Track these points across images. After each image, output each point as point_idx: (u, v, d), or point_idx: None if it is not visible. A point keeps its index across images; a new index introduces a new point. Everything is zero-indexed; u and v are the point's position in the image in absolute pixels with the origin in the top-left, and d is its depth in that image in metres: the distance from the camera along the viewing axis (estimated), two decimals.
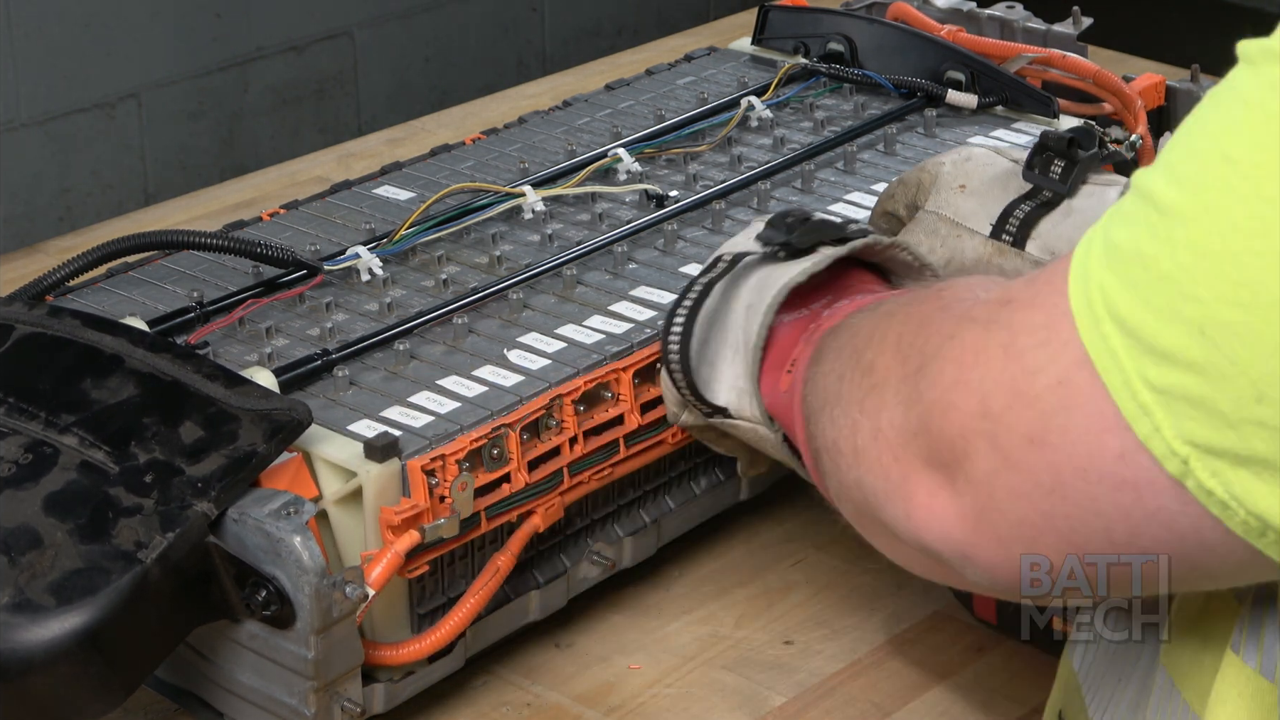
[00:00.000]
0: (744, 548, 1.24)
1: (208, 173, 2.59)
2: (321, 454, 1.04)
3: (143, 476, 0.99)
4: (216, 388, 1.04)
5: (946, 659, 1.14)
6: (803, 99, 1.50)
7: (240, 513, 0.98)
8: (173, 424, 1.02)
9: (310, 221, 1.33)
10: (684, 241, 1.29)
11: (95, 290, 1.23)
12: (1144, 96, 1.49)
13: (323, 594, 0.97)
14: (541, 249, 1.28)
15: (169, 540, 0.96)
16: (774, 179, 1.37)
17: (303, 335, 1.17)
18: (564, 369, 1.13)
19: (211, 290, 1.22)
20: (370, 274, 1.24)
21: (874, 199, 1.34)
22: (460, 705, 1.11)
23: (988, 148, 1.20)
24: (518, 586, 1.13)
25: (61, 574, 0.95)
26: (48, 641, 0.93)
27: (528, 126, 1.49)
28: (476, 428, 1.07)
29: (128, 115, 2.49)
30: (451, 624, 1.06)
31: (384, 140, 1.87)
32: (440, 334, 1.18)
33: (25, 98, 2.37)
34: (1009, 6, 1.61)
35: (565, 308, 1.21)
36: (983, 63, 1.49)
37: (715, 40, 1.72)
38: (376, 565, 1.01)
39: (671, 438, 1.16)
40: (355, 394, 1.11)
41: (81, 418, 1.02)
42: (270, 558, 0.97)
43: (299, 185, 1.72)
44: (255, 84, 2.62)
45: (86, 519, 0.97)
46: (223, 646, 1.03)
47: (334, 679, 1.01)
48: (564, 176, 1.37)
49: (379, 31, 2.75)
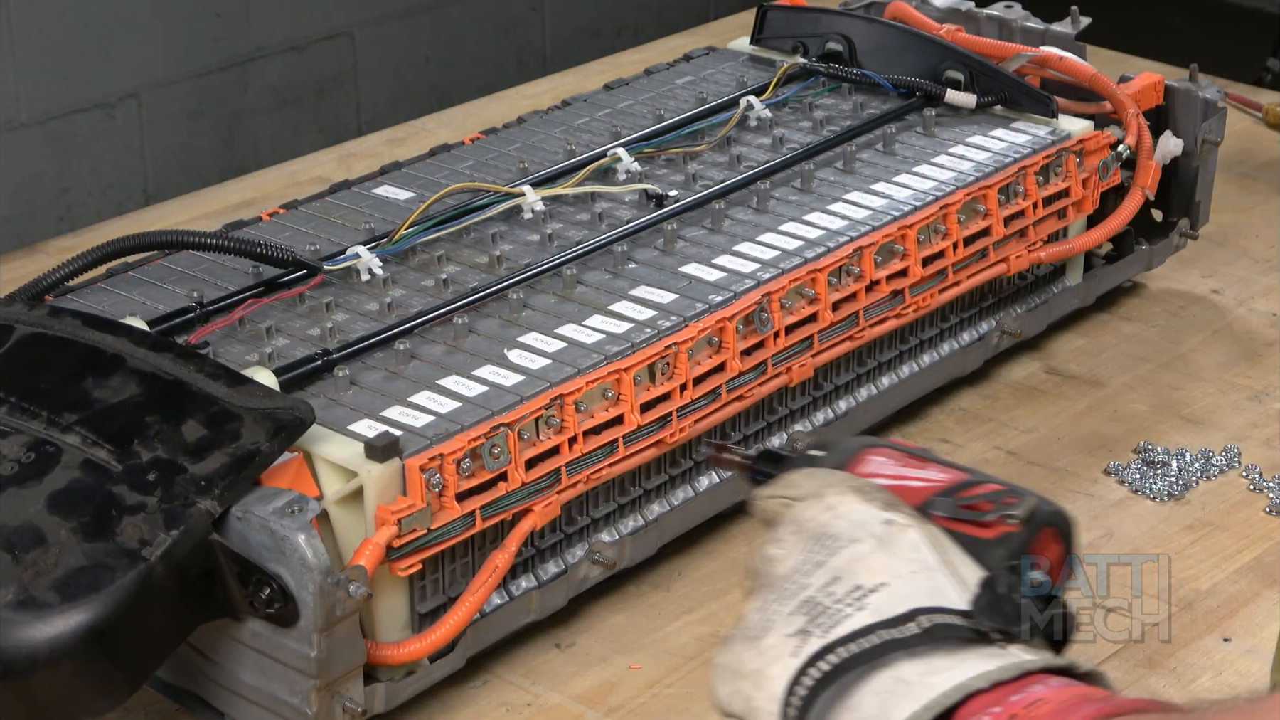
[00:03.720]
0: (744, 548, 1.25)
1: (208, 173, 2.58)
2: (322, 454, 1.05)
3: (146, 475, 0.99)
4: (219, 387, 1.04)
5: None
6: (801, 99, 1.50)
7: (244, 510, 0.99)
8: (175, 423, 1.02)
9: (310, 221, 1.33)
10: (683, 241, 1.29)
11: (95, 290, 1.23)
12: (1143, 96, 1.50)
13: (326, 592, 0.97)
14: (541, 249, 1.28)
15: (173, 538, 0.96)
16: (773, 179, 1.37)
17: (303, 335, 1.17)
18: (564, 369, 1.13)
19: (211, 290, 1.22)
20: (370, 274, 1.24)
21: (873, 198, 1.34)
22: (460, 705, 1.12)
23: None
24: (518, 586, 1.13)
25: (66, 571, 0.95)
26: (52, 639, 0.93)
27: (527, 126, 1.49)
28: (475, 427, 1.07)
29: (128, 115, 2.49)
30: (452, 623, 1.06)
31: (384, 140, 1.87)
32: (440, 334, 1.18)
33: (25, 98, 2.37)
34: (1007, 6, 1.61)
35: (565, 307, 1.21)
36: (981, 62, 1.49)
37: (714, 40, 1.72)
38: (358, 558, 1.01)
39: (669, 438, 1.17)
40: (356, 394, 1.11)
41: (84, 417, 1.02)
42: (274, 555, 0.98)
43: (299, 185, 1.72)
44: (255, 84, 2.62)
45: (90, 517, 0.97)
46: (224, 645, 1.03)
47: (336, 678, 1.01)
48: (563, 176, 1.37)
49: (379, 31, 2.75)
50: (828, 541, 0.88)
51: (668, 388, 1.16)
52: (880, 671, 0.83)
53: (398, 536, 1.02)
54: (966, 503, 0.91)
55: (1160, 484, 1.31)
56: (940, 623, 0.84)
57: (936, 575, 0.86)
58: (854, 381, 1.32)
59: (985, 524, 0.90)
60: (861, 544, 0.88)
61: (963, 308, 1.40)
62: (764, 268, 1.25)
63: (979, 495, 0.92)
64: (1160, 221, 1.56)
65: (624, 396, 1.14)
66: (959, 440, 1.37)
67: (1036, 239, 1.41)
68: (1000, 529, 0.89)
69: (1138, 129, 1.47)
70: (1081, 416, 1.40)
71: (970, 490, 0.92)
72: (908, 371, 1.36)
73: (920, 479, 0.94)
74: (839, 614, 0.85)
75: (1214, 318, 1.54)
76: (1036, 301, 1.46)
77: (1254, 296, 1.57)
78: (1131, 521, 1.27)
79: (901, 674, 0.83)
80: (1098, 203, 1.46)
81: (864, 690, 0.83)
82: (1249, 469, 1.33)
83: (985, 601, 0.85)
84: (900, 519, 0.89)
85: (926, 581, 0.86)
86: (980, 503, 0.91)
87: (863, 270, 1.27)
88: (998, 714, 0.80)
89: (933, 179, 1.37)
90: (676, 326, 1.18)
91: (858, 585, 0.86)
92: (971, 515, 0.91)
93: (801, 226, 1.31)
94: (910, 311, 1.32)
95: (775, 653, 0.86)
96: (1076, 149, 1.43)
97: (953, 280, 1.35)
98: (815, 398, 1.30)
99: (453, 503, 1.06)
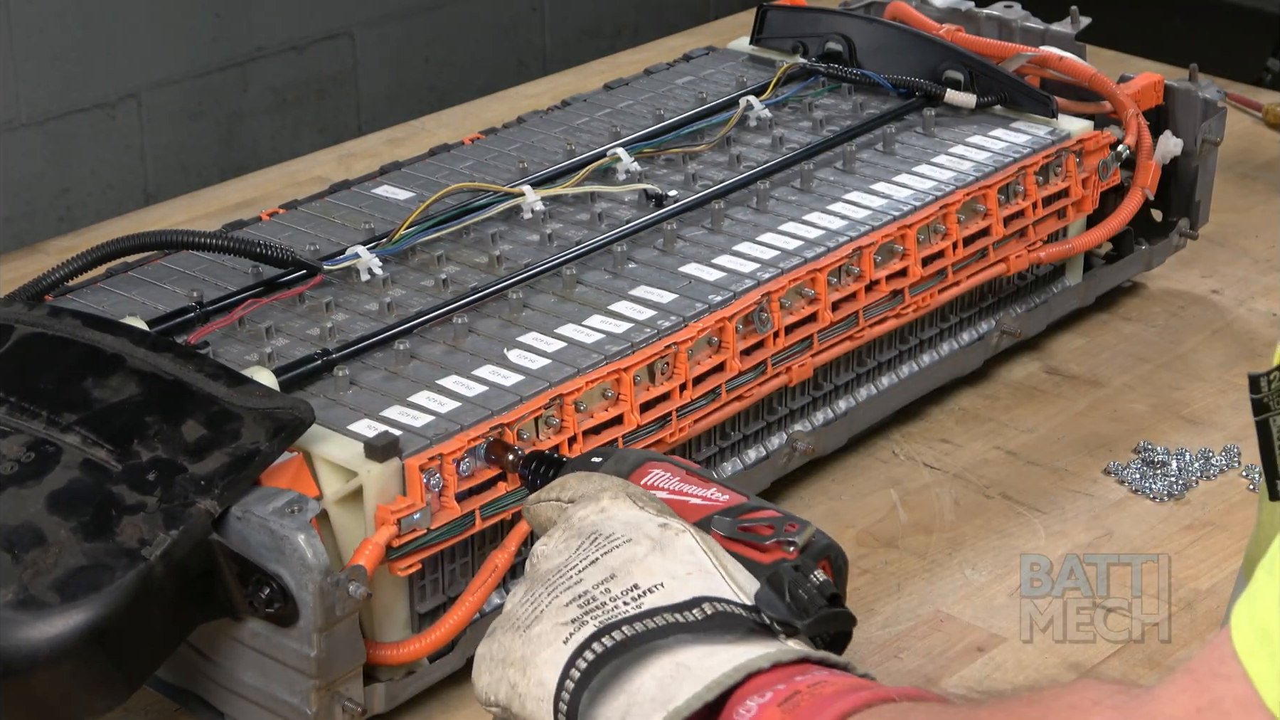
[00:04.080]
0: None
1: (208, 173, 2.59)
2: (322, 453, 1.05)
3: (146, 474, 0.99)
4: (219, 387, 1.04)
5: (946, 659, 1.14)
6: (801, 98, 1.50)
7: (244, 510, 0.99)
8: (175, 422, 1.02)
9: (310, 221, 1.33)
10: (683, 241, 1.29)
11: (95, 290, 1.23)
12: (1143, 96, 1.50)
13: (326, 592, 0.97)
14: (541, 249, 1.28)
15: (173, 537, 0.96)
16: (773, 178, 1.37)
17: (303, 335, 1.17)
18: (564, 369, 1.13)
19: (211, 290, 1.22)
20: (370, 274, 1.24)
21: (873, 198, 1.34)
22: (460, 705, 1.12)
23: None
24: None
25: (65, 571, 0.95)
26: (52, 638, 0.93)
27: (527, 126, 1.49)
28: (475, 427, 1.07)
29: (128, 115, 2.49)
30: (451, 622, 1.06)
31: (384, 140, 1.87)
32: (440, 334, 1.18)
33: (25, 98, 2.37)
34: (1007, 6, 1.61)
35: (565, 307, 1.21)
36: (981, 62, 1.49)
37: (714, 40, 1.72)
38: (358, 558, 1.01)
39: (669, 438, 1.17)
40: (355, 394, 1.11)
41: (84, 416, 1.02)
42: (274, 555, 0.98)
43: (299, 185, 1.72)
44: (255, 84, 2.62)
45: (90, 516, 0.97)
46: (224, 645, 1.03)
47: (336, 678, 1.01)
48: (563, 176, 1.37)
49: (379, 31, 2.75)
50: (601, 541, 0.88)
51: (667, 388, 1.16)
52: (660, 656, 0.83)
53: (397, 536, 1.03)
54: (747, 525, 0.91)
55: (1160, 484, 1.31)
56: (723, 610, 0.84)
57: (714, 577, 0.86)
58: (854, 381, 1.32)
59: (763, 548, 0.90)
60: (637, 545, 0.87)
61: (963, 308, 1.40)
62: (764, 268, 1.25)
63: (760, 519, 0.91)
64: (1160, 221, 1.56)
65: (624, 396, 1.14)
66: (959, 440, 1.37)
67: (1036, 239, 1.41)
68: (777, 554, 0.89)
69: (1138, 129, 1.47)
70: (1081, 416, 1.40)
71: (751, 514, 0.92)
72: (908, 371, 1.36)
73: (700, 497, 0.94)
74: (616, 609, 0.84)
75: (1214, 318, 1.54)
76: (1036, 301, 1.46)
77: (1254, 296, 1.57)
78: (1131, 521, 1.27)
79: (681, 658, 0.82)
80: (1097, 203, 1.46)
81: (643, 674, 0.82)
82: (1249, 469, 1.33)
83: (768, 596, 0.85)
84: (675, 524, 0.88)
85: (703, 582, 0.85)
86: (760, 526, 0.91)
87: (862, 270, 1.27)
88: (781, 691, 0.80)
89: (932, 179, 1.37)
90: (676, 326, 1.18)
91: (634, 584, 0.85)
92: (751, 538, 0.90)
93: (801, 226, 1.31)
94: (910, 311, 1.32)
95: (545, 640, 0.85)
96: (1076, 149, 1.43)
97: (952, 280, 1.35)
98: (815, 398, 1.30)
99: (452, 503, 1.06)
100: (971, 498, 1.30)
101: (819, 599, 0.85)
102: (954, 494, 1.30)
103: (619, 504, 0.90)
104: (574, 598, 0.85)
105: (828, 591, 0.86)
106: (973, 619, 1.17)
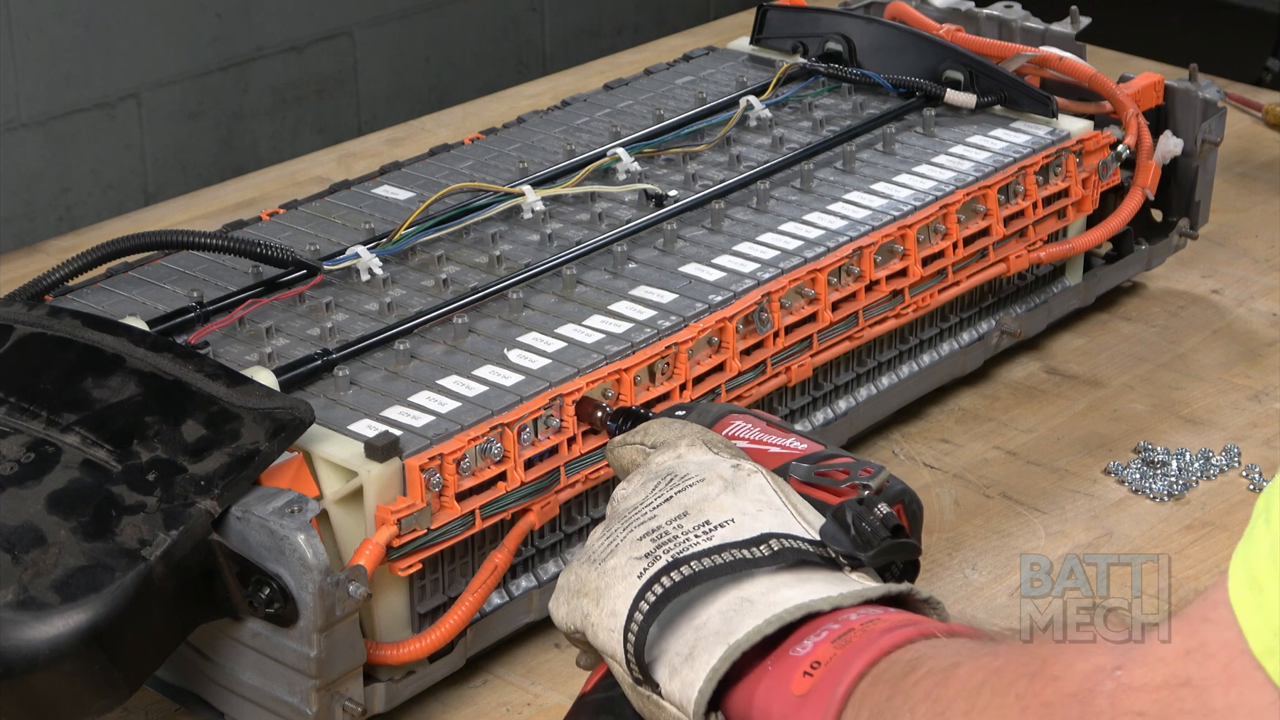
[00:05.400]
0: None
1: (207, 173, 2.59)
2: (322, 453, 1.05)
3: (145, 474, 0.99)
4: (219, 387, 1.04)
5: None
6: (801, 98, 1.50)
7: (244, 510, 0.99)
8: (175, 422, 1.02)
9: (310, 221, 1.33)
10: (683, 241, 1.29)
11: (95, 290, 1.23)
12: (1143, 96, 1.50)
13: (326, 592, 0.97)
14: (541, 249, 1.28)
15: (173, 538, 0.96)
16: (773, 178, 1.37)
17: (303, 335, 1.17)
18: (564, 369, 1.14)
19: (211, 290, 1.22)
20: (370, 274, 1.24)
21: (873, 198, 1.34)
22: (460, 705, 1.12)
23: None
24: (517, 586, 1.13)
25: (65, 571, 0.95)
26: (52, 639, 0.93)
27: (527, 126, 1.49)
28: (475, 427, 1.07)
29: (128, 115, 2.49)
30: (451, 623, 1.06)
31: (384, 140, 1.87)
32: (440, 334, 1.18)
33: (25, 98, 2.37)
34: (1007, 6, 1.61)
35: (565, 307, 1.21)
36: (981, 62, 1.49)
37: (714, 40, 1.72)
38: (358, 558, 1.01)
39: None
40: (355, 394, 1.11)
41: (83, 417, 1.02)
42: (274, 555, 0.98)
43: (299, 185, 1.72)
44: (255, 84, 2.62)
45: (90, 517, 0.97)
46: (224, 645, 1.03)
47: (336, 678, 1.01)
48: (563, 176, 1.37)
49: (379, 31, 2.75)
50: (676, 481, 0.91)
51: (667, 388, 1.16)
52: (727, 590, 0.86)
53: (397, 536, 1.03)
54: (824, 470, 0.94)
55: (1160, 484, 1.31)
56: (790, 546, 0.86)
57: (783, 513, 0.89)
58: (854, 381, 1.32)
59: (838, 492, 0.93)
60: (710, 484, 0.90)
61: (962, 308, 1.40)
62: (764, 268, 1.25)
63: (836, 464, 0.95)
64: (1160, 221, 1.56)
65: (624, 397, 1.14)
66: (959, 440, 1.37)
67: (1036, 239, 1.41)
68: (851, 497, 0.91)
69: (1137, 129, 1.47)
70: (1081, 416, 1.40)
71: (828, 460, 0.95)
72: (908, 371, 1.36)
73: (780, 446, 0.97)
74: (688, 542, 0.87)
75: (1214, 318, 1.54)
76: (1036, 301, 1.46)
77: (1254, 296, 1.57)
78: (1131, 521, 1.27)
79: (746, 593, 0.85)
80: (1097, 203, 1.46)
81: (709, 608, 0.85)
82: (1249, 469, 1.33)
83: (833, 530, 0.88)
84: (748, 465, 0.91)
85: (773, 518, 0.88)
86: (835, 471, 0.94)
87: (862, 270, 1.27)
88: (834, 630, 0.82)
89: (932, 179, 1.37)
90: (676, 326, 1.18)
91: (706, 520, 0.88)
92: (827, 482, 0.94)
93: (801, 226, 1.31)
94: (910, 311, 1.32)
95: (620, 573, 0.88)
96: (1076, 149, 1.43)
97: (952, 280, 1.35)
98: (815, 398, 1.30)
99: (452, 502, 1.06)
100: (971, 498, 1.30)
101: (882, 531, 0.88)
102: (954, 494, 1.30)
103: (695, 450, 0.94)
104: (647, 532, 0.89)
105: (891, 523, 0.88)
106: (973, 619, 1.16)
